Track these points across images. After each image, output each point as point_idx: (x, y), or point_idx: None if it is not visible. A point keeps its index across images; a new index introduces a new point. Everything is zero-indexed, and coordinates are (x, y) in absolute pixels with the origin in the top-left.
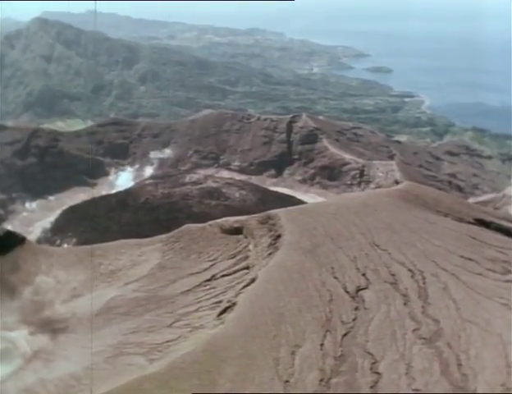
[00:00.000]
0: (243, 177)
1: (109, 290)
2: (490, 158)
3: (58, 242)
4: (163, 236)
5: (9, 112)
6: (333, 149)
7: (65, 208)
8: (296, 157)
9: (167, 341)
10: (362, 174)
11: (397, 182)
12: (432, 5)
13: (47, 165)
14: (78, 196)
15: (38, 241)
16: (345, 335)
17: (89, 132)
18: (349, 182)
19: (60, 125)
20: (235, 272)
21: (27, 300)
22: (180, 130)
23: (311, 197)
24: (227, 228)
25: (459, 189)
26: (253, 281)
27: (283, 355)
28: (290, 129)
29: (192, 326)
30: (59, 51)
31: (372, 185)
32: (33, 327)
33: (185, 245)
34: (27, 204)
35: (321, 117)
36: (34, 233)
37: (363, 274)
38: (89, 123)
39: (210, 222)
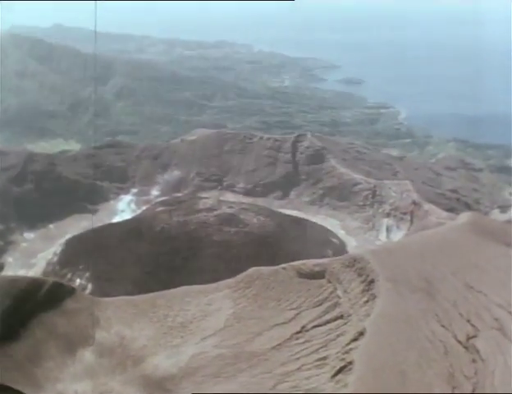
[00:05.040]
0: (249, 200)
1: (185, 347)
2: (481, 170)
3: (69, 276)
4: (230, 281)
5: None
6: (342, 169)
7: (68, 237)
8: (303, 177)
9: None
10: (374, 194)
11: (415, 203)
12: (398, 13)
13: (45, 191)
14: (79, 224)
15: (45, 275)
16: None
17: (86, 155)
18: (361, 203)
19: (43, 145)
20: (327, 322)
21: (92, 363)
22: (180, 152)
23: (322, 219)
24: (307, 272)
25: (468, 206)
26: (360, 334)
27: None
28: (295, 148)
29: (302, 388)
30: (32, 67)
31: (386, 206)
32: None
33: (258, 291)
34: (26, 234)
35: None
36: (38, 266)
37: (468, 320)
38: (72, 143)
39: (284, 265)
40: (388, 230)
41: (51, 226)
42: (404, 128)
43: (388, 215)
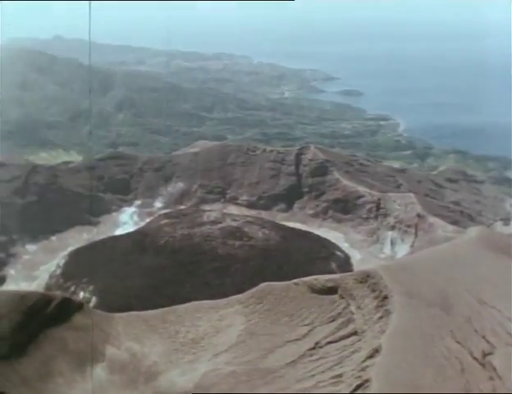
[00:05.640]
0: (252, 212)
1: (197, 363)
2: (482, 182)
3: (73, 289)
4: (241, 297)
5: None
6: (346, 182)
7: (71, 249)
8: (306, 190)
9: None
10: (378, 207)
11: (419, 216)
12: (397, 25)
13: (47, 203)
14: (81, 236)
15: (48, 288)
16: None
17: (89, 167)
18: (365, 216)
19: (44, 156)
20: (341, 338)
21: (103, 380)
22: (182, 164)
23: (326, 232)
24: (319, 288)
25: (471, 218)
26: (376, 351)
27: None
28: (298, 161)
29: None
30: (33, 78)
31: (390, 219)
32: None
33: (270, 306)
34: (28, 246)
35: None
36: (40, 278)
37: (483, 336)
38: (73, 154)
39: (296, 281)
40: (392, 243)
41: (53, 238)
42: (404, 140)
43: (392, 228)
